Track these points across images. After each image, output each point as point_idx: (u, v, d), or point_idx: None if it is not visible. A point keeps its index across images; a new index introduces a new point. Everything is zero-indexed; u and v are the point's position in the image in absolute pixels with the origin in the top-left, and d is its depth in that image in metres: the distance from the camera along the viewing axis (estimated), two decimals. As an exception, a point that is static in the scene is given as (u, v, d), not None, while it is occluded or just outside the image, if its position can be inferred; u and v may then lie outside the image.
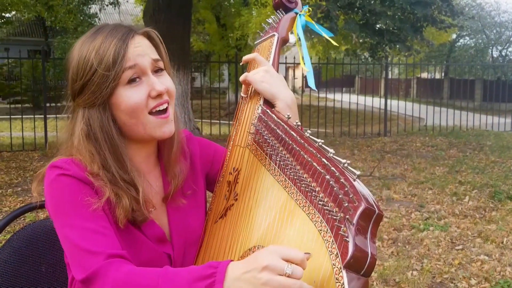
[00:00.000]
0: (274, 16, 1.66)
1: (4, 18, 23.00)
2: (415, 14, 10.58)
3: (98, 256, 1.13)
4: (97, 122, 1.26)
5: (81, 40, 1.31)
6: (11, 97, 15.52)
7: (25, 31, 29.24)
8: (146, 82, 1.27)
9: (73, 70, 1.28)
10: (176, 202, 1.39)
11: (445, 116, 13.25)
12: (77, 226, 1.17)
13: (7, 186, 7.29)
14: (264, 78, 1.43)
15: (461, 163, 9.00)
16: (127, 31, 1.28)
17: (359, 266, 0.96)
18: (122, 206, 1.23)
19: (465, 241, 4.95)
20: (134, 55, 1.25)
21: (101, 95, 1.24)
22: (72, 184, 1.21)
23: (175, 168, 1.40)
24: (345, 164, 1.05)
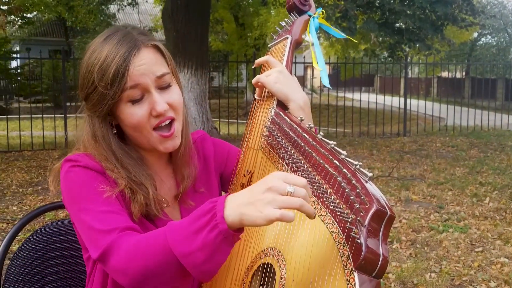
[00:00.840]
0: (287, 18, 1.66)
1: (25, 18, 23.37)
2: (435, 13, 10.49)
3: (112, 232, 1.16)
4: (100, 133, 1.29)
5: (93, 45, 1.31)
6: (32, 97, 15.69)
7: (46, 31, 29.59)
8: (148, 101, 1.27)
9: (80, 78, 1.30)
10: (185, 202, 1.41)
11: (466, 116, 13.12)
12: (91, 210, 1.20)
13: (28, 184, 7.38)
14: (278, 79, 1.43)
15: (481, 163, 8.90)
16: (131, 47, 1.25)
17: (371, 268, 0.96)
18: (137, 201, 1.25)
19: (485, 243, 4.89)
20: (137, 75, 1.24)
21: (101, 109, 1.26)
22: (86, 173, 1.24)
23: (183, 170, 1.41)
24: (357, 166, 1.05)
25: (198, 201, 1.42)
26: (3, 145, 10.67)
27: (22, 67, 22.58)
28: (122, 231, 1.16)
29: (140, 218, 1.28)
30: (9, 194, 6.85)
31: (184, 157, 1.41)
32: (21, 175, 8.02)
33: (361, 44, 15.43)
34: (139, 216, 1.27)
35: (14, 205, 6.31)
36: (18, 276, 1.55)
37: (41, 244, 1.60)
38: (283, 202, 0.98)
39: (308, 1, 1.64)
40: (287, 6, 1.66)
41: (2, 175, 8.02)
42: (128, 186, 1.26)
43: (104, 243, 1.14)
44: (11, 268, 1.55)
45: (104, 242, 1.14)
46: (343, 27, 9.98)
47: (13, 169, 8.45)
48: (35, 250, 1.59)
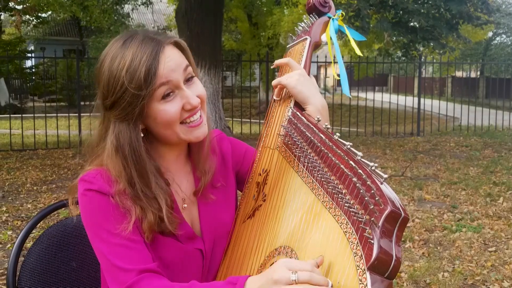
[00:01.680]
0: (307, 19, 1.66)
1: (40, 18, 23.57)
2: (449, 11, 10.42)
3: (130, 272, 1.19)
4: (127, 138, 1.27)
5: (110, 53, 1.28)
6: (46, 96, 15.84)
7: (60, 30, 29.79)
8: (180, 96, 1.28)
9: (103, 86, 1.27)
10: (206, 197, 1.42)
11: (480, 115, 13.03)
12: (107, 241, 1.23)
13: (42, 183, 7.45)
14: (299, 82, 1.45)
15: (496, 163, 8.84)
16: (156, 45, 1.26)
17: (384, 268, 0.97)
18: (147, 221, 1.25)
19: (498, 243, 4.86)
20: (167, 71, 1.25)
21: (132, 112, 1.25)
22: (101, 200, 1.24)
23: (204, 165, 1.42)
24: (372, 167, 1.06)
25: (216, 195, 1.45)
26: (17, 143, 10.77)
27: (37, 66, 22.79)
28: (141, 273, 1.20)
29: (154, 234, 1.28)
30: (23, 192, 6.91)
31: (204, 151, 1.43)
32: (35, 173, 8.10)
33: (374, 43, 15.36)
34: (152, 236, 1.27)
35: (28, 203, 6.37)
36: (33, 272, 1.56)
37: (55, 240, 1.61)
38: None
39: (328, 2, 1.65)
40: (307, 8, 1.66)
41: (17, 173, 8.10)
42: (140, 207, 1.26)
43: (124, 282, 1.19)
44: (26, 264, 1.56)
45: (124, 282, 1.19)
46: (356, 26, 9.95)
47: (27, 168, 8.53)
48: (49, 246, 1.60)
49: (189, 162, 1.46)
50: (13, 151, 10.10)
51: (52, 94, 18.67)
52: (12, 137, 10.71)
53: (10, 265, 1.54)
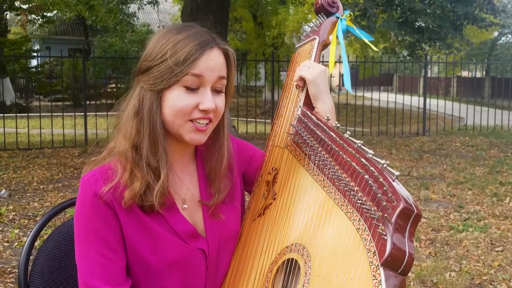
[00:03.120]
0: (315, 20, 1.67)
1: (46, 17, 23.63)
2: (455, 12, 10.39)
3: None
4: (148, 105, 1.29)
5: (167, 29, 1.35)
6: (52, 95, 15.87)
7: (66, 30, 29.88)
8: (201, 94, 1.29)
9: (148, 50, 1.32)
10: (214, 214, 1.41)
11: (486, 115, 13.02)
12: (85, 253, 1.27)
13: (48, 181, 7.48)
14: (320, 76, 1.48)
15: (502, 163, 8.83)
16: (209, 40, 1.30)
17: (397, 264, 0.97)
18: (132, 189, 1.27)
19: (505, 243, 4.86)
20: (205, 66, 1.27)
21: (161, 84, 1.28)
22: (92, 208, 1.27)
23: (220, 184, 1.42)
24: (384, 165, 1.06)
25: (222, 211, 1.44)
26: (24, 142, 10.81)
27: (42, 65, 22.83)
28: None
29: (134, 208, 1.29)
30: (30, 191, 6.94)
31: (225, 170, 1.43)
32: (41, 172, 8.13)
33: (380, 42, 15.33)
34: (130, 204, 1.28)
35: (35, 201, 6.41)
36: (43, 270, 1.57)
37: (64, 239, 1.62)
38: None
39: (336, 3, 1.66)
40: (315, 8, 1.67)
41: (23, 172, 8.14)
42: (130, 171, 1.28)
43: None
44: (36, 263, 1.58)
45: None
46: (362, 25, 9.94)
47: (33, 166, 8.57)
48: (59, 245, 1.61)
49: (194, 163, 1.45)
50: (19, 150, 10.14)
51: (57, 94, 18.71)
52: (18, 136, 10.75)
53: (21, 263, 1.55)
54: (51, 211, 1.66)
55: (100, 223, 1.27)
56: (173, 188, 1.37)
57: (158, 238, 1.31)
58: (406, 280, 1.00)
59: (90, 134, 10.93)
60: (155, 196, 1.27)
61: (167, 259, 1.31)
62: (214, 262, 1.40)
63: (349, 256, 1.05)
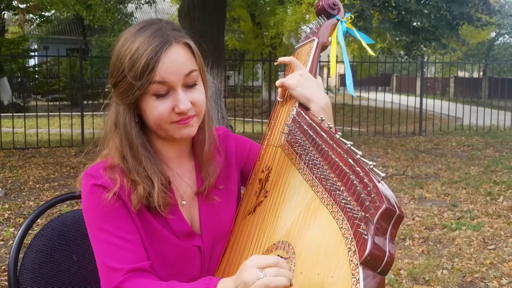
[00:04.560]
0: (315, 21, 1.68)
1: (43, 17, 23.57)
2: (451, 12, 10.42)
3: (118, 272, 1.23)
4: (122, 120, 1.32)
5: (125, 36, 1.33)
6: (49, 95, 15.86)
7: (63, 29, 29.81)
8: (173, 97, 1.29)
9: (111, 65, 1.33)
10: (209, 198, 1.44)
11: (482, 115, 13.05)
12: (103, 240, 1.27)
13: (44, 181, 7.50)
14: (299, 83, 1.46)
15: (497, 163, 8.86)
16: (162, 42, 1.27)
17: (376, 264, 0.98)
18: (137, 192, 1.29)
19: (497, 241, 4.89)
20: (166, 72, 1.26)
21: (128, 98, 1.29)
22: (102, 197, 1.28)
23: (208, 167, 1.44)
24: (371, 166, 1.08)
25: (218, 195, 1.46)
26: (20, 142, 10.80)
27: (40, 65, 22.79)
28: (129, 272, 1.23)
29: (142, 209, 1.32)
30: (26, 190, 6.95)
31: (209, 154, 1.44)
32: (38, 171, 8.14)
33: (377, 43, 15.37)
34: (139, 207, 1.30)
35: (31, 200, 6.42)
36: (34, 264, 1.58)
37: (55, 233, 1.63)
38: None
39: (337, 5, 1.66)
40: (316, 10, 1.68)
41: (19, 171, 8.14)
42: (129, 179, 1.31)
43: (111, 282, 1.24)
44: (27, 257, 1.59)
45: (111, 282, 1.23)
46: (359, 26, 9.96)
47: (30, 166, 8.58)
48: (50, 239, 1.62)
49: (192, 160, 1.47)
50: (16, 150, 10.15)
51: (55, 93, 18.70)
52: (14, 136, 10.75)
53: (11, 258, 1.56)
54: (42, 206, 1.67)
55: (110, 207, 1.28)
56: (174, 186, 1.39)
57: (159, 238, 1.33)
58: (384, 280, 1.01)
59: (87, 133, 10.94)
60: (156, 201, 1.30)
61: (166, 257, 1.34)
62: (208, 258, 1.43)
63: (331, 254, 1.06)
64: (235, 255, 1.42)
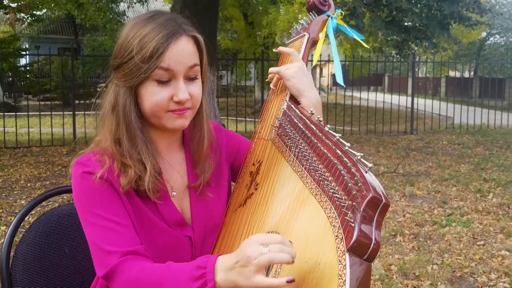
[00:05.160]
0: (306, 17, 1.71)
1: (35, 16, 23.47)
2: (441, 11, 10.48)
3: (114, 255, 1.24)
4: (122, 101, 1.33)
5: (134, 21, 1.35)
6: (40, 94, 15.77)
7: (55, 29, 29.66)
8: (173, 86, 1.31)
9: (117, 47, 1.34)
10: (203, 194, 1.45)
11: (473, 115, 13.14)
12: (96, 224, 1.27)
13: (36, 179, 7.48)
14: (296, 74, 1.49)
15: (487, 161, 8.92)
16: (174, 31, 1.30)
17: (363, 250, 1.01)
18: (127, 175, 1.30)
19: (487, 237, 4.94)
20: (172, 59, 1.28)
21: (132, 80, 1.30)
22: (93, 183, 1.28)
23: (204, 163, 1.45)
24: (358, 157, 1.10)
25: (210, 192, 1.47)
26: (11, 141, 10.77)
27: (31, 64, 22.70)
28: (126, 254, 1.24)
29: (131, 194, 1.33)
30: (17, 189, 6.94)
31: (207, 151, 1.46)
32: (29, 170, 8.12)
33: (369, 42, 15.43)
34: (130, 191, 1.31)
35: (22, 199, 6.41)
36: (26, 257, 1.59)
37: (47, 226, 1.64)
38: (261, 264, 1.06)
39: (327, 1, 1.69)
40: (307, 6, 1.71)
41: (10, 170, 8.12)
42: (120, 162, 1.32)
43: (107, 265, 1.23)
44: (19, 250, 1.59)
45: (108, 265, 1.23)
46: (351, 25, 10.00)
47: (21, 165, 8.55)
48: (42, 232, 1.63)
49: (183, 152, 1.48)
50: (7, 149, 10.11)
51: (46, 93, 18.61)
52: (5, 135, 10.71)
53: (3, 250, 1.57)
54: (36, 199, 1.68)
55: (102, 193, 1.29)
56: (164, 176, 1.40)
57: (149, 225, 1.34)
58: (371, 266, 1.03)
59: (79, 133, 10.91)
60: (146, 185, 1.31)
61: (156, 245, 1.35)
62: (199, 249, 1.44)
63: (319, 242, 1.09)
64: (226, 246, 1.43)
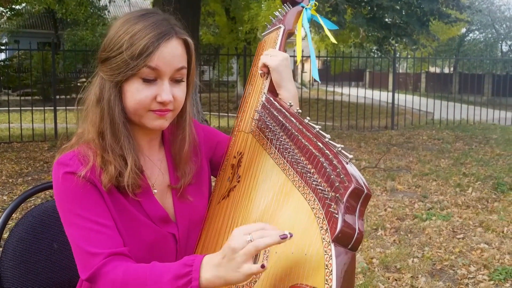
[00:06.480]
0: (281, 9, 1.73)
1: (14, 10, 23.13)
2: (421, 8, 10.58)
3: (98, 256, 1.24)
4: (107, 95, 1.33)
5: (126, 17, 1.35)
6: (21, 89, 15.59)
7: (35, 23, 29.27)
8: (158, 86, 1.31)
9: (106, 40, 1.34)
10: (183, 196, 1.46)
11: (453, 110, 13.28)
12: (79, 226, 1.27)
13: (18, 175, 7.42)
14: (281, 64, 1.52)
15: (466, 155, 9.04)
16: (166, 32, 1.30)
17: (347, 240, 1.03)
18: (107, 172, 1.30)
19: (466, 231, 5.02)
20: (160, 59, 1.29)
21: (118, 76, 1.31)
22: (76, 183, 1.28)
23: (185, 166, 1.46)
24: (339, 148, 1.12)
25: (190, 193, 1.48)
26: (-8, 136, 10.66)
27: (11, 59, 22.39)
28: (109, 256, 1.24)
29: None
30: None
31: (188, 154, 1.47)
32: (10, 166, 8.04)
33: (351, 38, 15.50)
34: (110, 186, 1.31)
35: (4, 195, 6.36)
36: (15, 252, 1.59)
37: (36, 221, 1.64)
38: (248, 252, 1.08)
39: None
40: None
41: (-8, 166, 8.05)
42: (101, 157, 1.32)
43: (91, 267, 1.24)
44: (7, 245, 1.59)
45: (91, 267, 1.23)
46: (332, 21, 10.03)
47: (2, 160, 8.46)
48: (30, 228, 1.63)
49: (163, 150, 1.49)
50: (-12, 144, 10.00)
51: (26, 88, 18.40)
52: (-14, 130, 10.59)
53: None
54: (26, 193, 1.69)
55: (84, 193, 1.29)
56: (146, 174, 1.40)
57: (133, 221, 1.35)
58: (355, 255, 1.06)
59: (60, 128, 10.82)
60: (126, 181, 1.31)
61: (141, 241, 1.35)
62: (183, 246, 1.45)
63: (304, 233, 1.11)
64: (211, 239, 1.45)
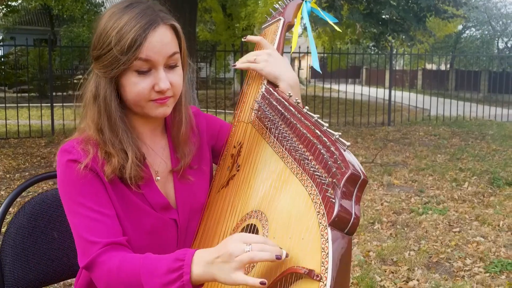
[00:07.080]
0: (281, 2, 1.74)
1: (10, 6, 23.08)
2: (418, 4, 10.60)
3: (96, 245, 1.26)
4: (103, 92, 1.34)
5: (112, 10, 1.35)
6: (17, 86, 15.56)
7: (31, 20, 29.22)
8: (154, 75, 1.32)
9: (95, 38, 1.35)
10: (184, 177, 1.48)
11: (449, 106, 13.32)
12: (80, 214, 1.29)
13: (15, 171, 7.43)
14: (267, 63, 1.52)
15: (462, 151, 9.07)
16: (152, 20, 1.30)
17: (343, 224, 1.05)
18: (111, 163, 1.32)
19: (462, 224, 5.06)
20: (151, 50, 1.29)
21: (112, 72, 1.32)
22: (78, 172, 1.30)
23: (184, 147, 1.48)
24: (337, 136, 1.14)
25: (193, 176, 1.50)
26: (-11, 133, 10.65)
27: (7, 56, 22.32)
28: (107, 245, 1.27)
29: (116, 181, 1.35)
30: (-4, 180, 6.89)
31: (186, 135, 1.48)
32: (7, 161, 8.05)
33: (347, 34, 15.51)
34: (112, 177, 1.33)
35: (1, 190, 6.37)
36: (15, 241, 1.61)
37: (36, 211, 1.65)
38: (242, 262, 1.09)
39: None
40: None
41: (-11, 161, 8.05)
42: (104, 150, 1.34)
43: (89, 255, 1.26)
44: (8, 234, 1.61)
45: (89, 255, 1.26)
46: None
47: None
48: (30, 217, 1.64)
49: (165, 137, 1.51)
50: (-15, 140, 9.99)
51: (23, 85, 18.36)
52: (-17, 127, 10.57)
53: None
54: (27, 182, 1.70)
55: (86, 182, 1.31)
56: (148, 161, 1.42)
57: (136, 210, 1.37)
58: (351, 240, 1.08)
59: (57, 124, 10.81)
60: (128, 173, 1.33)
61: (143, 229, 1.38)
62: (184, 231, 1.47)
63: (301, 219, 1.13)
64: (210, 227, 1.47)
